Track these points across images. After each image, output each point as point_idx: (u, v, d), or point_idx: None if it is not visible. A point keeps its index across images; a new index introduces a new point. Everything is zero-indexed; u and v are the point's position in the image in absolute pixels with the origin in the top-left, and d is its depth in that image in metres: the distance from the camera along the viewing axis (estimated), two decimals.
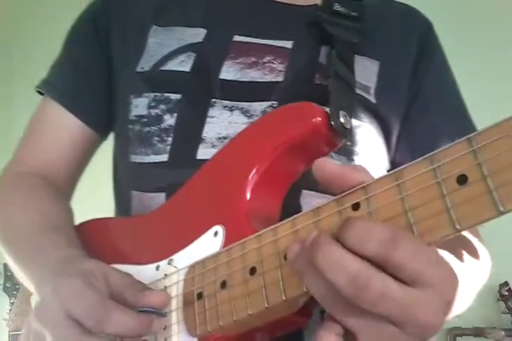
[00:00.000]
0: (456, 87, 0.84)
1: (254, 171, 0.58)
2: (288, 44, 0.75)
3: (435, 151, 0.40)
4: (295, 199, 0.67)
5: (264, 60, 0.73)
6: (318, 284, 0.40)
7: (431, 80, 0.79)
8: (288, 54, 0.74)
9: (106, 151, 0.87)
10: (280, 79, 0.72)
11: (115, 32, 0.82)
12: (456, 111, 0.81)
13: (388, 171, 0.43)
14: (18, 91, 3.09)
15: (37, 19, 3.09)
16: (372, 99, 0.74)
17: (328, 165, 0.45)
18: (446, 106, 0.81)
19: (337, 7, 0.76)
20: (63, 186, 0.82)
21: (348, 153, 0.71)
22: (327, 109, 0.58)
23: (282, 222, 0.48)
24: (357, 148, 0.71)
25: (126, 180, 0.77)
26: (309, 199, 0.68)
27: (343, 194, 0.44)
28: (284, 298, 0.45)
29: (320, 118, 0.56)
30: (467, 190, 0.37)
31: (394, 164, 0.78)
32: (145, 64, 0.77)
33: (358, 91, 0.73)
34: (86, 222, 0.75)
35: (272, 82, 0.72)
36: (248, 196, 0.57)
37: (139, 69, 0.76)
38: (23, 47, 3.16)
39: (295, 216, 0.48)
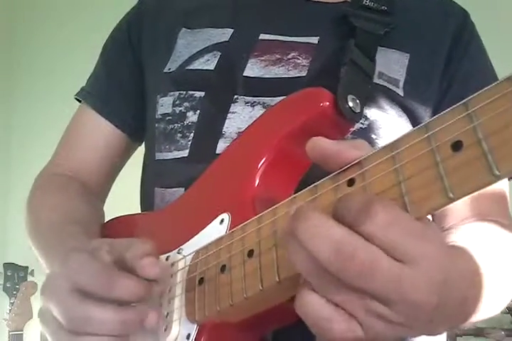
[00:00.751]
0: (494, 78, 0.80)
1: (263, 159, 0.57)
2: (314, 40, 0.74)
3: (430, 119, 0.38)
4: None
5: (289, 57, 0.73)
6: (301, 258, 0.38)
7: (465, 72, 0.77)
8: (313, 49, 0.73)
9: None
10: (304, 73, 0.72)
11: (146, 37, 0.84)
12: None
13: None
14: (18, 87, 3.20)
15: (37, 16, 3.17)
16: (400, 92, 0.73)
17: (321, 143, 0.43)
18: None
19: (366, 2, 0.75)
20: (95, 187, 0.84)
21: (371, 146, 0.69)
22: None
23: (282, 202, 0.47)
24: (381, 142, 0.70)
25: (151, 178, 0.78)
26: None
27: (339, 170, 0.43)
28: (277, 279, 0.44)
29: (327, 103, 0.55)
30: (461, 156, 0.35)
31: None
32: (172, 65, 0.78)
33: (385, 83, 0.72)
34: (114, 219, 0.77)
35: (295, 77, 0.72)
36: (256, 183, 0.56)
37: (166, 70, 0.78)
38: (22, 43, 3.24)
39: (294, 195, 0.46)
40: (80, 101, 0.89)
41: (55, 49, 2.98)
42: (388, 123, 0.71)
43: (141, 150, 0.87)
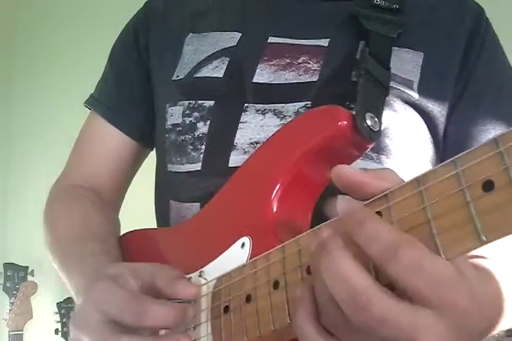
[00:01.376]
0: (511, 76, 0.78)
1: (280, 181, 0.57)
2: (324, 42, 0.72)
3: (459, 155, 0.37)
4: (331, 205, 0.64)
5: (299, 61, 0.71)
6: (320, 289, 0.39)
7: (482, 72, 0.74)
8: (324, 52, 0.71)
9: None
10: (315, 78, 0.70)
11: (153, 43, 0.82)
12: (509, 101, 0.76)
13: None
14: (17, 87, 3.19)
15: (37, 16, 3.15)
16: (415, 94, 0.71)
17: (345, 172, 0.43)
18: (498, 97, 0.75)
19: (377, 1, 0.72)
20: (109, 197, 0.84)
21: (385, 152, 0.68)
22: (353, 112, 0.56)
23: (304, 233, 0.47)
24: (396, 146, 0.69)
25: (165, 189, 0.78)
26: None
27: (365, 203, 0.42)
28: None
29: (345, 122, 0.54)
30: (493, 197, 0.35)
31: (444, 159, 0.73)
32: (180, 72, 0.76)
33: (398, 86, 0.70)
34: (126, 233, 0.77)
35: (307, 82, 0.70)
36: (275, 206, 0.56)
37: (174, 78, 0.76)
38: (22, 43, 3.23)
39: (317, 226, 0.46)
40: (89, 109, 0.88)
41: (55, 49, 2.96)
42: (403, 126, 0.70)
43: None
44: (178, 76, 0.76)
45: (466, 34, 0.75)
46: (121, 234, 0.78)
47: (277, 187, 0.56)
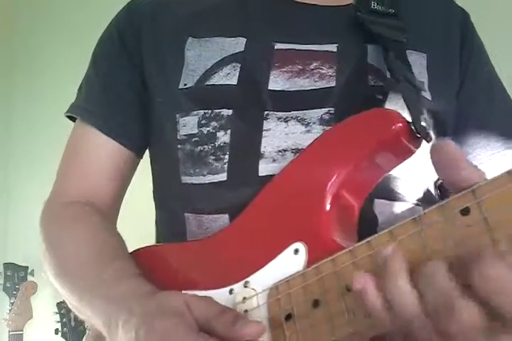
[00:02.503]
0: (497, 77, 0.82)
1: (332, 181, 0.56)
2: (332, 47, 0.72)
3: None
4: (369, 209, 0.65)
5: (312, 67, 0.71)
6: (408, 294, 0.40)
7: (473, 72, 0.77)
8: (335, 58, 0.71)
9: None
10: (332, 84, 0.69)
11: (147, 47, 0.78)
12: (502, 100, 0.80)
13: None
14: (17, 87, 3.16)
15: (37, 16, 3.12)
16: (428, 96, 0.72)
17: (450, 147, 0.43)
18: (492, 98, 0.79)
19: (374, 5, 0.73)
20: (107, 211, 0.79)
21: None
22: (406, 114, 0.58)
23: (380, 233, 0.46)
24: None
25: (177, 202, 0.73)
26: (382, 209, 0.66)
27: (450, 198, 0.41)
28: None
29: (401, 124, 0.55)
30: None
31: None
32: (187, 80, 0.73)
33: None
34: (140, 249, 0.73)
35: (325, 88, 0.69)
36: (328, 207, 0.55)
37: (181, 86, 0.73)
38: (22, 43, 3.20)
39: (396, 225, 0.45)
40: (71, 119, 0.82)
41: (55, 49, 2.94)
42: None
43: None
44: (185, 84, 0.72)
45: (459, 36, 0.78)
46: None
47: (329, 186, 0.56)
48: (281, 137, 0.67)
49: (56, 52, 2.91)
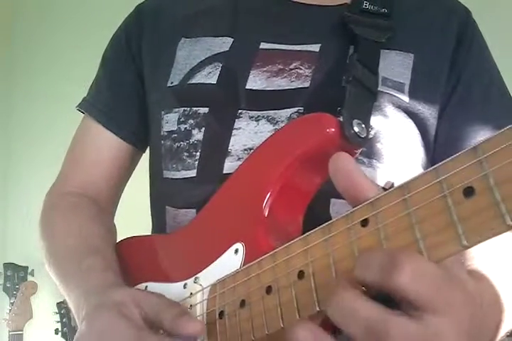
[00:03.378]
0: (498, 76, 0.80)
1: (270, 188, 0.58)
2: (315, 47, 0.73)
3: (441, 163, 0.39)
4: (325, 208, 0.67)
5: (291, 67, 0.72)
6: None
7: (470, 71, 0.75)
8: (315, 58, 0.72)
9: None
10: (306, 84, 0.71)
11: (146, 47, 0.82)
12: (498, 101, 0.77)
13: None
14: (17, 87, 3.18)
15: (37, 16, 3.14)
16: (405, 98, 0.71)
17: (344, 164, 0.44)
18: (487, 97, 0.77)
19: (366, 5, 0.73)
20: (105, 203, 0.84)
21: (377, 156, 0.69)
22: (340, 119, 0.57)
23: (295, 240, 0.48)
24: (387, 151, 0.69)
25: (160, 195, 0.78)
26: (339, 208, 0.67)
27: (352, 210, 0.43)
28: (298, 316, 0.45)
29: (333, 129, 0.55)
30: (473, 203, 0.36)
31: (435, 161, 0.75)
32: (174, 78, 0.76)
33: (389, 90, 0.71)
34: (123, 240, 0.77)
35: (299, 88, 0.71)
36: (266, 213, 0.57)
37: (169, 84, 0.76)
38: (22, 43, 3.22)
39: (307, 233, 0.47)
40: (82, 112, 0.88)
41: (55, 49, 2.95)
42: (394, 131, 0.70)
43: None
44: (172, 82, 0.76)
45: (455, 35, 0.76)
46: (118, 240, 0.79)
47: (268, 194, 0.57)
48: (250, 136, 0.69)
49: (56, 52, 2.94)
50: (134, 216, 0.89)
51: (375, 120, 0.68)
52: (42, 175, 2.85)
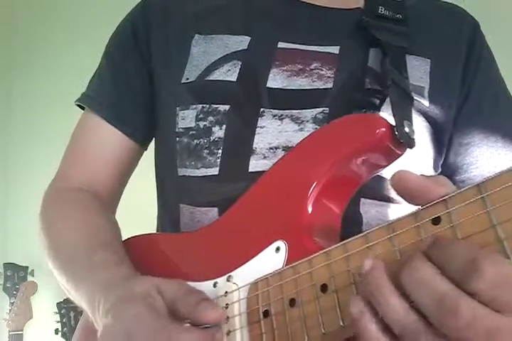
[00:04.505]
0: (505, 86, 0.82)
1: (315, 184, 0.57)
2: (335, 49, 0.73)
3: None
4: (354, 208, 0.66)
5: (312, 67, 0.72)
6: (398, 306, 0.38)
7: (481, 81, 0.77)
8: (336, 60, 0.72)
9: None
10: (330, 85, 0.70)
11: (156, 43, 0.80)
12: (506, 112, 0.79)
13: (439, 174, 0.41)
14: (17, 84, 3.17)
15: (37, 16, 3.12)
16: (425, 102, 0.72)
17: (407, 176, 0.42)
18: (498, 106, 0.78)
19: (381, 10, 0.74)
20: (107, 199, 0.81)
21: None
22: (391, 120, 0.58)
23: (354, 238, 0.46)
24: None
25: (174, 193, 0.76)
26: (368, 208, 0.67)
27: (422, 207, 0.42)
28: None
29: (384, 129, 0.55)
30: None
31: (446, 165, 0.77)
32: (190, 74, 0.75)
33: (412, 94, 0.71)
34: (133, 237, 0.74)
35: (322, 88, 0.70)
36: (310, 210, 0.56)
37: (184, 81, 0.75)
38: (22, 43, 3.20)
39: (368, 231, 0.45)
40: (81, 108, 0.85)
41: (55, 48, 2.95)
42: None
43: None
44: (187, 78, 0.75)
45: (465, 44, 0.78)
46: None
47: (312, 188, 0.56)
48: (274, 134, 0.68)
49: (56, 51, 2.93)
50: (132, 214, 0.86)
51: None
52: (42, 175, 2.84)
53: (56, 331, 2.35)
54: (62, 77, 2.78)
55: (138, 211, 0.86)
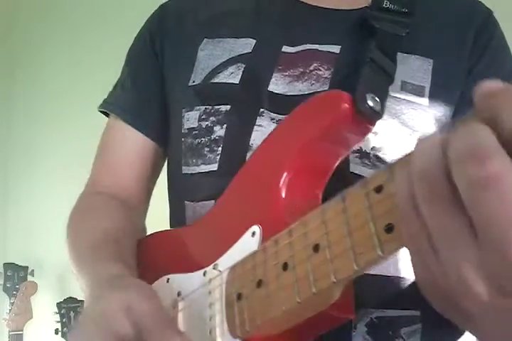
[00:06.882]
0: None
1: (286, 169, 0.58)
2: (336, 48, 0.73)
3: None
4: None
5: (311, 68, 0.72)
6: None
7: (481, 70, 0.75)
8: (334, 59, 0.72)
9: None
10: (326, 87, 0.71)
11: (168, 48, 0.84)
12: None
13: None
14: (17, 83, 3.18)
15: (37, 16, 3.14)
16: (425, 101, 0.72)
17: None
18: None
19: (386, 4, 0.74)
20: (135, 202, 0.84)
21: (384, 163, 0.68)
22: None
23: (310, 214, 0.47)
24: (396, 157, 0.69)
25: (179, 191, 0.79)
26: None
27: (369, 177, 0.42)
28: (313, 290, 0.45)
29: (346, 105, 0.54)
30: None
31: None
32: (196, 77, 0.78)
33: (407, 95, 0.71)
34: (147, 236, 0.78)
35: (318, 92, 0.70)
36: (283, 193, 0.57)
37: (190, 83, 0.78)
38: (22, 43, 3.22)
39: (324, 204, 0.46)
40: (105, 114, 0.88)
41: (54, 48, 2.96)
42: (410, 137, 0.69)
43: None
44: (194, 81, 0.77)
45: (473, 35, 0.76)
46: None
47: (284, 175, 0.57)
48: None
49: (56, 50, 2.94)
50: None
51: (390, 126, 0.68)
52: (42, 175, 2.87)
53: (56, 331, 2.35)
54: (62, 77, 2.78)
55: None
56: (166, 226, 0.80)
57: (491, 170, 0.30)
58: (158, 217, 0.85)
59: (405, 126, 0.69)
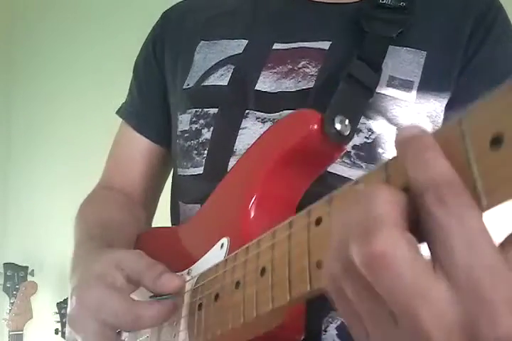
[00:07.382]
0: None
1: (256, 191, 0.59)
2: (325, 45, 0.72)
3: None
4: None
5: (299, 65, 0.72)
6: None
7: (481, 59, 0.72)
8: (323, 56, 0.71)
9: None
10: (311, 85, 0.70)
11: (168, 52, 0.86)
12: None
13: None
14: (17, 83, 3.19)
15: (37, 16, 3.15)
16: (412, 96, 0.69)
17: None
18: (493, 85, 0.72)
19: (383, 0, 0.71)
20: (140, 199, 0.89)
21: (376, 161, 0.67)
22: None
23: (266, 233, 0.46)
24: (388, 156, 0.66)
25: (174, 191, 0.83)
26: None
27: (313, 205, 0.40)
28: (254, 314, 0.45)
29: (315, 126, 0.53)
30: None
31: None
32: (190, 80, 0.79)
33: (393, 92, 0.69)
34: (145, 231, 0.81)
35: (305, 89, 0.70)
36: (252, 212, 0.58)
37: (185, 87, 0.79)
38: (22, 43, 3.23)
39: (276, 226, 0.45)
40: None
41: (54, 48, 2.96)
42: (394, 137, 0.68)
43: None
44: (188, 85, 0.79)
45: (471, 24, 0.73)
46: None
47: (253, 197, 0.58)
48: (254, 136, 0.69)
49: (55, 50, 2.94)
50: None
51: (377, 124, 0.67)
52: (42, 175, 2.88)
53: (56, 331, 2.36)
54: (62, 77, 2.79)
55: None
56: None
57: (377, 249, 0.28)
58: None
59: (391, 123, 0.68)
